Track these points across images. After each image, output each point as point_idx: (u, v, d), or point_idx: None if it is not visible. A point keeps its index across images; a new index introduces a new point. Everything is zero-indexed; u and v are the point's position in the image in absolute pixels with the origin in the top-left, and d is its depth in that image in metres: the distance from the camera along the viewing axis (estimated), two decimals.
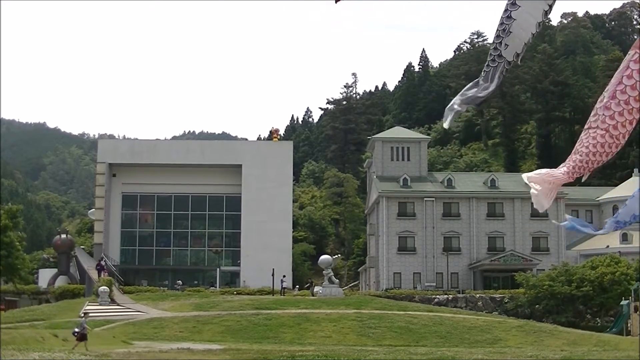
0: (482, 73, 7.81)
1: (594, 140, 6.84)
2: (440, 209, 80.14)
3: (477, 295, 67.03)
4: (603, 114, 6.88)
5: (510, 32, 7.35)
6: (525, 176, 8.09)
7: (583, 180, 7.52)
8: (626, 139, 6.89)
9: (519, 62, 7.54)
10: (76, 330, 33.10)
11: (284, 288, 64.97)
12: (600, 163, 7.14)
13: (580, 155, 7.07)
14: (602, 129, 6.75)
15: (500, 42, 7.48)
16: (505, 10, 7.18)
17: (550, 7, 7.11)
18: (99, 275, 64.62)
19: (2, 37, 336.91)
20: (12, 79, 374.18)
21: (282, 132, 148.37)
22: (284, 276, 66.08)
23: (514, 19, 7.16)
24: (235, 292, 63.68)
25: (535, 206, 8.04)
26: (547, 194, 7.81)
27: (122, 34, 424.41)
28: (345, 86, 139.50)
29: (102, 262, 68.64)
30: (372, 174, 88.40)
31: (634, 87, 6.73)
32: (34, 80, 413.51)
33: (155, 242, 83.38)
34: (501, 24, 7.42)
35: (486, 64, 7.70)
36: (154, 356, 31.54)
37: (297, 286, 74.25)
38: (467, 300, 65.87)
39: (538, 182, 7.83)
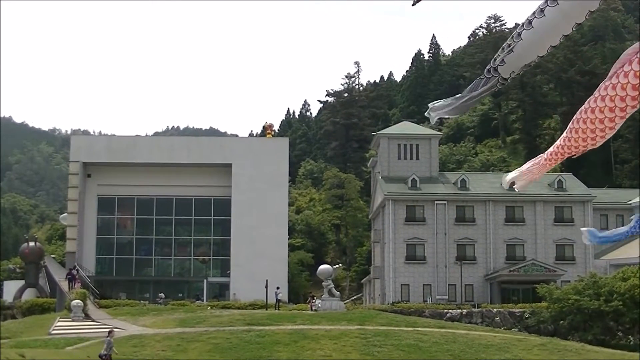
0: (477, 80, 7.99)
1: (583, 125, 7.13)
2: (453, 214, 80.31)
3: (495, 309, 67.06)
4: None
5: (512, 51, 7.43)
6: (505, 181, 8.27)
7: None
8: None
9: (508, 81, 7.70)
10: (103, 352, 32.69)
11: (279, 301, 65.02)
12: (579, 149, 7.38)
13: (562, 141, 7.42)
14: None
15: (502, 59, 7.58)
16: (520, 26, 7.26)
17: (572, 28, 7.16)
18: (70, 286, 64.54)
19: None
20: None
21: (276, 127, 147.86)
22: (278, 288, 66.24)
23: (521, 39, 7.23)
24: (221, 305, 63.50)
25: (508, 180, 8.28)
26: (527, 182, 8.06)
27: (98, 21, 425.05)
28: (346, 76, 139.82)
29: (74, 271, 68.58)
30: (377, 174, 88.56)
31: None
32: None
33: (135, 251, 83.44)
34: (510, 38, 7.56)
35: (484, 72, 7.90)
36: None
37: (291, 302, 74.31)
38: (483, 315, 65.89)
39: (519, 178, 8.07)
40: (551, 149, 7.75)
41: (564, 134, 7.46)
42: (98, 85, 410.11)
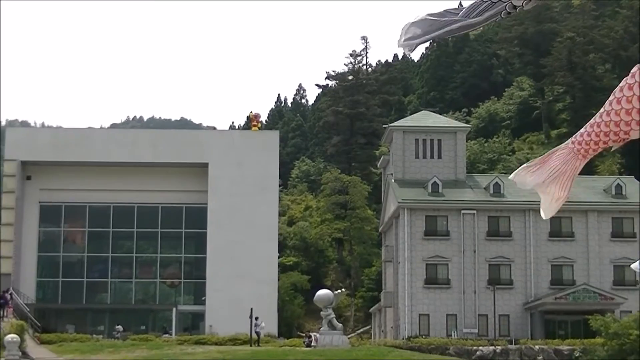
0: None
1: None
2: (484, 226, 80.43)
3: (537, 346, 67.13)
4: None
5: None
6: (515, 179, 7.99)
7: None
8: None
9: (516, 11, 7.43)
10: None
11: (259, 335, 65.39)
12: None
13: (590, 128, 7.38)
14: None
15: None
16: None
17: None
18: (1, 315, 64.58)
19: None
20: None
21: (264, 118, 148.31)
22: (258, 318, 66.18)
23: None
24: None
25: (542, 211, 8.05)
26: (553, 194, 7.65)
27: None
28: (351, 55, 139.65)
29: (7, 295, 68.60)
30: (389, 177, 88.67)
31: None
32: None
33: (86, 272, 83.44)
34: None
35: None
36: None
37: (281, 337, 74.31)
38: (522, 353, 65.90)
39: (530, 179, 7.69)
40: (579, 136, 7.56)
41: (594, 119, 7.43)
42: (40, 66, 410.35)
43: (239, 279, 78.22)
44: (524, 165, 7.72)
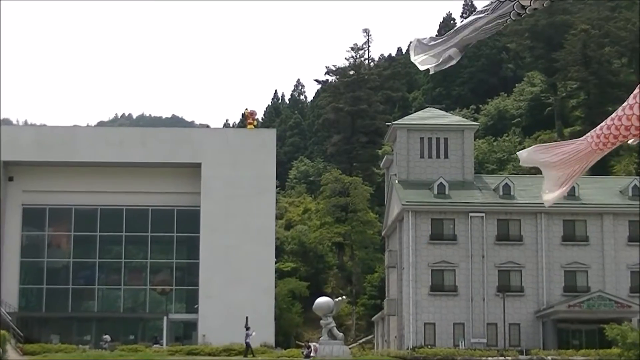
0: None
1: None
2: (494, 229, 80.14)
3: (549, 356, 67.28)
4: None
5: None
6: (523, 154, 8.49)
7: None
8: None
9: (527, 11, 8.05)
10: None
11: (248, 344, 64.88)
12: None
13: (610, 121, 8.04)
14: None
15: None
16: None
17: None
18: None
19: None
20: None
21: (260, 115, 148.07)
22: (249, 328, 65.88)
23: None
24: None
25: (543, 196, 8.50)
26: (558, 177, 8.31)
27: None
28: (353, 48, 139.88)
29: None
30: (392, 178, 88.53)
31: None
32: None
33: (71, 278, 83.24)
34: None
35: None
36: None
37: (279, 347, 73.96)
38: None
39: (542, 156, 8.34)
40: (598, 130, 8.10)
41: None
42: (23, 61, 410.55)
43: (233, 286, 77.86)
44: (536, 145, 8.26)
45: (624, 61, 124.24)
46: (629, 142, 8.13)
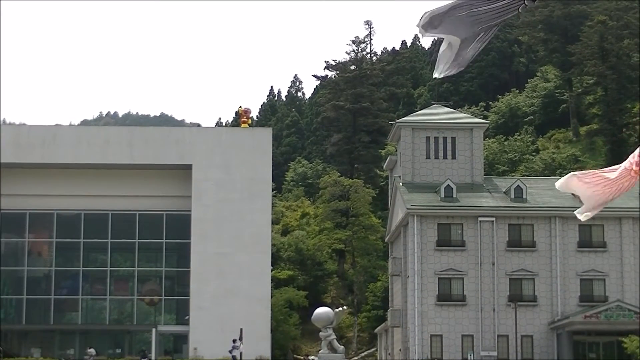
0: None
1: None
2: (504, 235, 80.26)
3: None
4: None
5: None
6: (560, 182, 8.46)
7: None
8: None
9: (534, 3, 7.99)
10: None
11: (234, 358, 65.44)
12: None
13: None
14: None
15: None
16: None
17: None
18: None
19: None
20: None
21: (255, 113, 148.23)
22: (235, 341, 66.45)
23: None
24: None
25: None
26: (598, 203, 8.32)
27: None
28: (354, 42, 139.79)
29: None
30: (396, 180, 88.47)
31: None
32: None
33: (53, 288, 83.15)
34: None
35: None
36: None
37: None
38: None
39: (580, 185, 8.29)
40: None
41: None
42: (2, 56, 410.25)
43: (226, 296, 78.11)
44: (572, 173, 8.19)
45: None
46: None
